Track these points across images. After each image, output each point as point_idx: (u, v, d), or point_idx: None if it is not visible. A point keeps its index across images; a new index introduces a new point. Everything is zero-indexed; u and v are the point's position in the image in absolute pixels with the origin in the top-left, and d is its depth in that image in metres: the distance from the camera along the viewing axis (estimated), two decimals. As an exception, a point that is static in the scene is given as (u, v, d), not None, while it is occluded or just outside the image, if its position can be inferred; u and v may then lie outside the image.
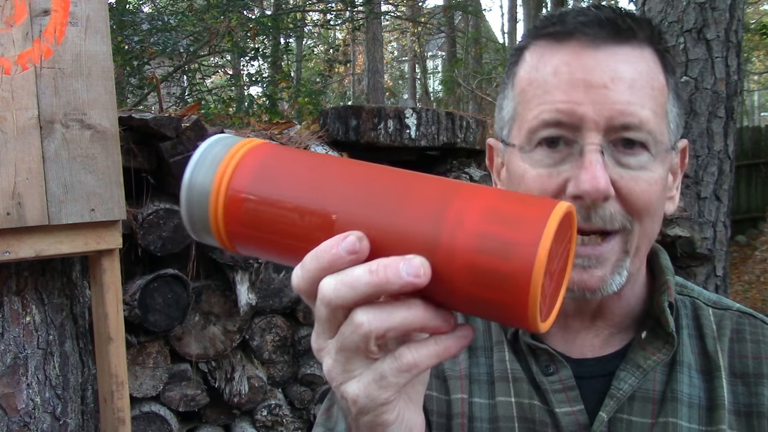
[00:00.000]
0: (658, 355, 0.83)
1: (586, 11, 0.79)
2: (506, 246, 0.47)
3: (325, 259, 0.51)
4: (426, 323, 0.51)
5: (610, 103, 0.75)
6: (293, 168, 0.54)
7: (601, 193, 0.74)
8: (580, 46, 0.77)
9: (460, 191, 0.50)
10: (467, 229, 0.48)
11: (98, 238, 1.93)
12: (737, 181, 8.39)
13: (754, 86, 23.75)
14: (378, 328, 0.50)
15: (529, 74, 0.80)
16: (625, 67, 0.76)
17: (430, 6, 17.40)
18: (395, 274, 0.48)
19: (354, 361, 0.52)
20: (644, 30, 0.80)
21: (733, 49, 3.91)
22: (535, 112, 0.78)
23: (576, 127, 0.76)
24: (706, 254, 3.53)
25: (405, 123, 2.89)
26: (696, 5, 3.89)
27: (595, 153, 0.74)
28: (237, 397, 2.49)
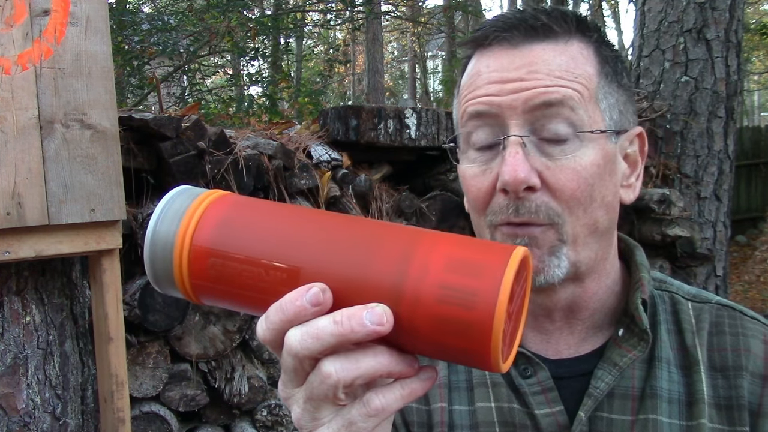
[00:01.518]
0: (633, 353, 0.83)
1: (504, 16, 0.83)
2: (467, 295, 0.48)
3: (290, 311, 0.51)
4: (392, 370, 0.52)
5: (526, 89, 0.77)
6: (256, 220, 0.54)
7: (520, 182, 0.75)
8: (499, 48, 0.81)
9: (423, 240, 0.51)
10: (430, 279, 0.49)
11: (98, 238, 1.93)
12: (737, 181, 8.39)
13: (754, 86, 23.75)
14: (345, 377, 0.51)
15: (463, 81, 0.85)
16: (541, 61, 0.78)
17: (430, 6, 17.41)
18: (359, 324, 0.50)
19: (322, 409, 0.53)
20: (565, 25, 0.81)
21: (733, 49, 3.91)
22: (462, 110, 0.83)
23: (498, 117, 0.78)
24: (706, 254, 3.53)
25: (405, 123, 2.89)
26: (696, 5, 3.89)
27: (514, 145, 0.76)
28: (237, 397, 2.50)
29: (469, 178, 0.82)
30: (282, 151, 2.65)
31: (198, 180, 2.37)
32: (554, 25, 0.80)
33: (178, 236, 0.53)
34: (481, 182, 0.80)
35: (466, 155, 0.83)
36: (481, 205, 0.81)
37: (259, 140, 2.68)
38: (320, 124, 3.05)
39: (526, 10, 0.83)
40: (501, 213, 0.79)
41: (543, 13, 0.82)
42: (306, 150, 2.84)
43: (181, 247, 0.53)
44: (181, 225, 0.54)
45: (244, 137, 2.72)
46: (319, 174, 2.77)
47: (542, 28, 0.80)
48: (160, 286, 0.56)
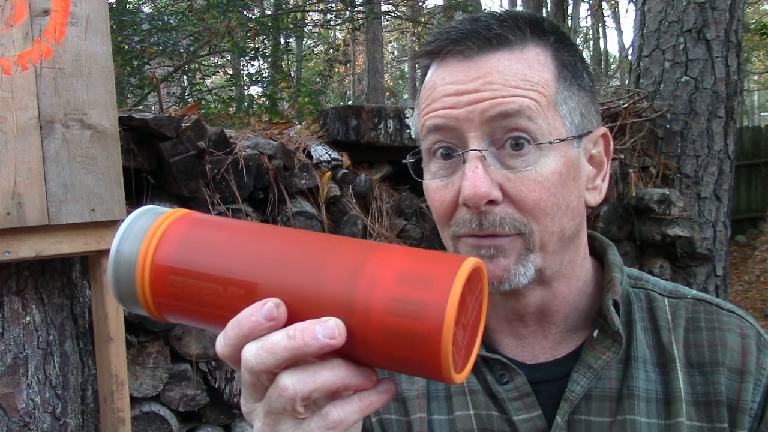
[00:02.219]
0: (607, 354, 0.83)
1: (457, 26, 0.81)
2: (417, 307, 0.49)
3: (246, 326, 0.52)
4: (349, 382, 0.53)
5: (482, 100, 0.76)
6: (215, 238, 0.56)
7: (481, 197, 0.75)
8: (453, 61, 0.80)
9: (375, 253, 0.52)
10: (380, 292, 0.50)
11: (98, 238, 1.93)
12: (737, 181, 8.40)
13: (754, 86, 23.75)
14: (302, 390, 0.52)
15: (421, 94, 0.84)
16: (496, 72, 0.77)
17: (430, 6, 17.40)
18: (312, 337, 0.50)
19: (282, 423, 0.54)
20: (517, 32, 0.80)
21: (733, 49, 3.91)
22: (420, 123, 0.83)
23: (457, 131, 0.78)
24: (706, 254, 3.53)
25: (405, 123, 2.89)
26: (696, 5, 3.89)
27: (474, 159, 0.76)
28: (237, 397, 2.49)
29: (432, 192, 0.82)
30: (282, 151, 2.65)
31: (198, 180, 2.37)
32: (508, 33, 0.79)
33: (139, 254, 0.55)
34: (443, 196, 0.80)
35: (428, 168, 0.83)
36: (445, 218, 0.81)
37: (259, 140, 2.68)
38: (320, 124, 3.05)
39: (480, 18, 0.82)
40: (464, 226, 0.79)
41: (496, 20, 0.81)
42: (306, 150, 2.84)
43: (143, 265, 0.55)
44: (143, 244, 0.55)
45: (244, 137, 2.72)
46: (319, 174, 2.77)
47: (496, 38, 0.79)
48: (125, 304, 0.57)
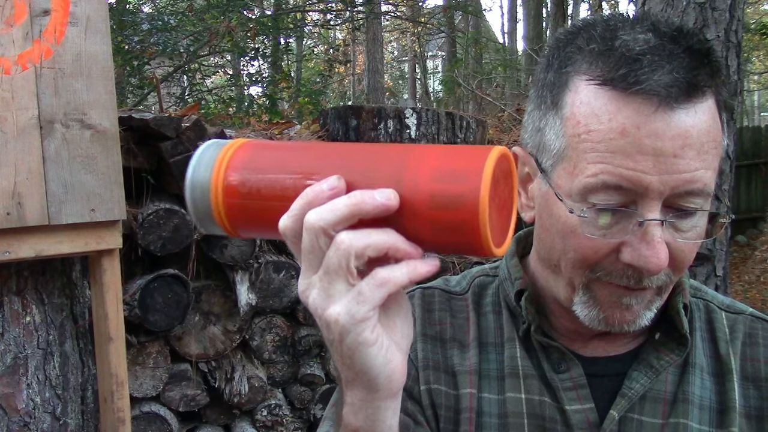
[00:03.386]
0: (671, 356, 0.84)
1: (661, 60, 0.71)
2: (455, 197, 0.56)
3: (310, 195, 0.57)
4: (399, 246, 0.57)
5: (677, 172, 0.71)
6: (276, 152, 0.64)
7: (662, 269, 0.74)
8: (652, 106, 0.70)
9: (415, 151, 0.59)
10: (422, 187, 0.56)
11: (98, 238, 1.93)
12: (737, 181, 8.39)
13: (754, 86, 23.75)
14: (357, 245, 0.55)
15: (587, 120, 0.74)
16: (695, 131, 0.71)
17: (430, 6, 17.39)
18: (371, 197, 0.55)
19: (336, 285, 0.57)
20: (714, 77, 0.74)
21: (733, 49, 3.91)
22: (595, 170, 0.73)
23: (639, 195, 0.72)
24: (706, 254, 3.53)
25: (405, 123, 2.89)
26: (696, 5, 3.89)
27: (657, 227, 0.72)
28: (237, 397, 2.49)
29: (582, 238, 0.76)
30: (282, 151, 2.65)
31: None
32: (710, 79, 0.73)
33: (212, 179, 0.62)
34: (598, 245, 0.75)
35: (576, 204, 0.75)
36: (590, 261, 0.77)
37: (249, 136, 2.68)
38: (320, 124, 3.05)
39: (679, 55, 0.71)
40: (617, 278, 0.76)
41: (704, 61, 0.73)
42: (306, 150, 2.84)
43: (216, 185, 0.62)
44: (214, 168, 0.63)
45: (244, 137, 2.71)
46: (319, 174, 2.77)
47: (702, 88, 0.72)
48: (203, 225, 0.65)
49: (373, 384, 0.60)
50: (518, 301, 0.89)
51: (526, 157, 0.84)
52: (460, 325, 0.93)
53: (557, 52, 0.80)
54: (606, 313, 0.79)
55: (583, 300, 0.80)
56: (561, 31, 0.83)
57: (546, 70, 0.81)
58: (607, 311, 0.79)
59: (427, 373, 0.90)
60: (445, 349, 0.92)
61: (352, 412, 0.63)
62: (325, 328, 0.59)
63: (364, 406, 0.62)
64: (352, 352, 0.58)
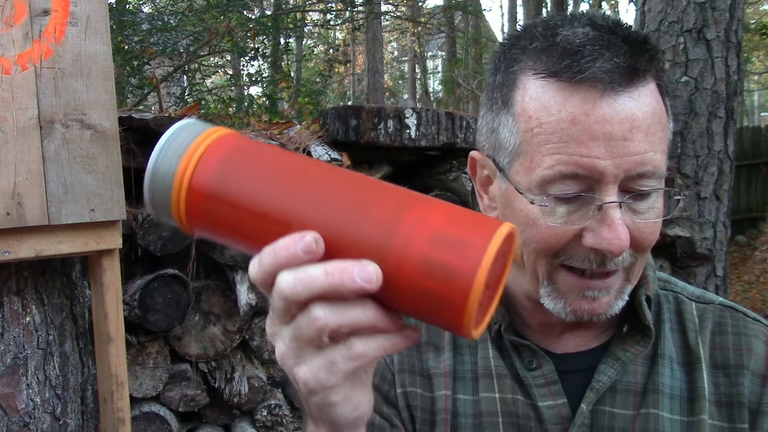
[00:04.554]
0: (636, 348, 0.85)
1: (601, 49, 0.74)
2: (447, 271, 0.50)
3: (282, 257, 0.53)
4: (377, 323, 0.54)
5: (628, 155, 0.74)
6: (255, 166, 0.56)
7: (624, 249, 0.75)
8: (597, 93, 0.73)
9: (415, 208, 0.53)
10: (414, 249, 0.51)
11: (98, 238, 1.93)
12: (737, 181, 8.39)
13: (754, 86, 23.75)
14: (333, 323, 0.53)
15: (538, 114, 0.76)
16: (640, 114, 0.74)
17: (430, 6, 17.40)
18: (350, 279, 0.51)
19: (306, 349, 0.56)
20: (653, 62, 0.77)
21: (733, 49, 3.91)
22: (550, 162, 0.75)
23: (594, 181, 0.75)
24: (706, 254, 3.53)
25: (405, 123, 2.89)
26: (696, 5, 3.89)
27: (616, 210, 0.74)
28: (237, 397, 2.50)
29: (545, 228, 0.77)
30: (282, 151, 2.65)
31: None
32: (649, 64, 0.76)
33: (177, 173, 0.55)
34: (560, 232, 0.77)
35: (536, 196, 0.77)
36: (553, 250, 0.79)
37: (259, 140, 2.68)
38: (320, 124, 3.05)
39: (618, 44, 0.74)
40: (580, 261, 0.78)
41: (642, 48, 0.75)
42: (306, 150, 2.84)
43: (179, 185, 0.56)
44: (182, 162, 0.56)
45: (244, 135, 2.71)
46: (319, 174, 2.77)
47: (643, 71, 0.75)
48: (158, 216, 0.59)
49: (339, 426, 0.60)
50: None
51: (484, 159, 0.86)
52: (435, 328, 0.94)
53: (502, 55, 0.83)
54: (573, 306, 0.81)
55: (547, 291, 0.81)
56: (505, 36, 0.87)
57: (494, 73, 0.84)
58: (573, 303, 0.81)
59: (402, 376, 0.92)
60: (420, 353, 0.93)
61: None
62: (293, 382, 0.59)
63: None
64: (319, 409, 0.59)
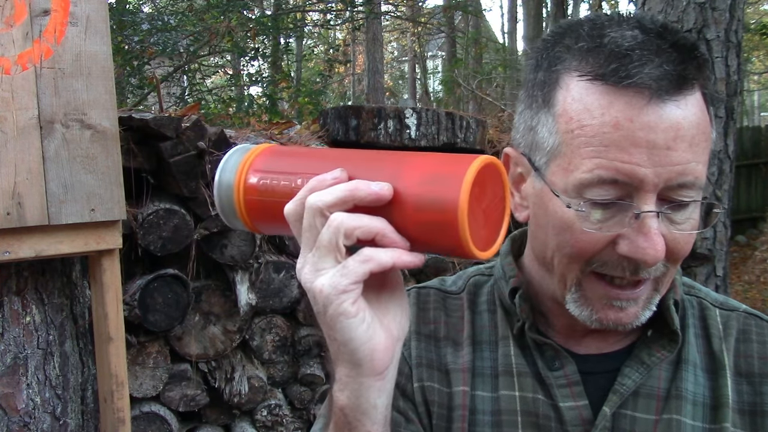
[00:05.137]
0: (662, 352, 0.85)
1: (650, 54, 0.72)
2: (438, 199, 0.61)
3: (313, 183, 0.64)
4: (386, 233, 0.62)
5: (670, 164, 0.72)
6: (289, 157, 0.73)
7: (659, 259, 0.75)
8: (643, 99, 0.72)
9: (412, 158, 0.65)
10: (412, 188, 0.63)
11: (98, 238, 1.93)
12: (737, 181, 8.39)
13: (754, 86, 23.74)
14: (348, 225, 0.61)
15: (580, 116, 0.75)
16: (686, 123, 0.73)
17: (430, 6, 17.40)
18: (366, 186, 0.62)
19: (325, 260, 0.63)
20: (701, 70, 0.75)
21: (733, 49, 3.91)
22: (590, 165, 0.74)
23: (634, 188, 0.73)
24: (706, 254, 3.53)
25: (405, 123, 2.89)
26: (696, 5, 3.89)
27: (654, 219, 0.73)
28: (237, 397, 2.49)
29: (580, 232, 0.76)
30: (282, 151, 2.64)
31: (198, 180, 2.37)
32: (697, 72, 0.74)
33: (235, 180, 0.72)
34: (595, 238, 0.76)
35: (573, 200, 0.76)
36: (587, 256, 0.78)
37: (259, 140, 2.68)
38: (320, 124, 3.05)
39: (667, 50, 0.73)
40: (613, 269, 0.77)
41: (691, 56, 0.74)
42: (306, 150, 2.83)
43: (238, 187, 0.72)
44: (238, 170, 0.72)
45: (244, 137, 2.72)
46: (319, 174, 2.76)
47: (691, 81, 0.73)
48: (228, 220, 0.74)
49: (355, 358, 0.64)
50: (512, 299, 0.89)
51: (519, 157, 0.85)
52: (455, 323, 0.94)
53: (545, 52, 0.81)
54: (599, 314, 0.80)
55: (574, 297, 0.81)
56: (548, 32, 0.84)
57: (535, 70, 0.82)
58: (599, 312, 0.80)
59: (420, 370, 0.91)
60: (438, 348, 0.93)
61: (339, 389, 0.67)
62: (313, 300, 0.64)
63: (349, 383, 0.66)
64: (334, 321, 0.63)
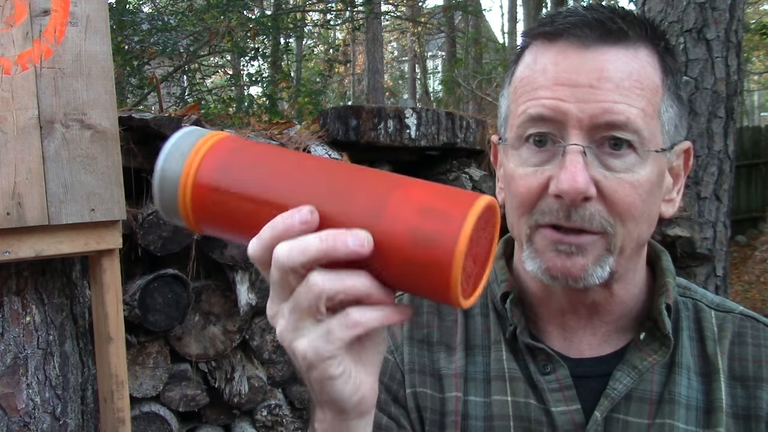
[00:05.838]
0: (654, 357, 0.84)
1: (577, 11, 0.80)
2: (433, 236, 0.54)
3: (279, 227, 0.56)
4: (371, 293, 0.56)
5: (594, 101, 0.76)
6: (252, 161, 0.61)
7: (579, 193, 0.75)
8: (569, 46, 0.78)
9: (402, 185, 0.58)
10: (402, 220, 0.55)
11: (98, 238, 1.93)
12: (737, 181, 8.39)
13: (754, 86, 23.74)
14: (330, 289, 0.55)
15: (522, 73, 0.83)
16: (612, 67, 0.77)
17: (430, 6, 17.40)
18: (343, 243, 0.54)
19: (305, 321, 0.57)
20: (638, 30, 0.80)
21: (733, 49, 3.91)
22: (522, 108, 0.80)
23: (560, 124, 0.77)
24: (706, 254, 3.53)
25: (405, 123, 2.89)
26: (696, 5, 3.89)
27: (576, 153, 0.75)
28: (237, 397, 2.50)
29: (518, 178, 0.80)
30: (282, 151, 2.65)
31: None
32: (629, 29, 0.79)
33: (182, 173, 0.61)
34: (530, 182, 0.79)
35: (517, 153, 0.81)
36: (527, 206, 0.80)
37: (259, 140, 2.69)
38: (320, 124, 3.05)
39: (597, 8, 0.80)
40: (549, 215, 0.78)
41: (618, 14, 0.80)
42: (306, 150, 2.84)
43: (185, 183, 0.61)
44: (186, 163, 0.61)
45: (244, 137, 2.71)
46: (319, 174, 2.76)
47: (618, 31, 0.78)
48: (167, 216, 0.64)
49: (343, 409, 0.61)
50: (504, 304, 0.89)
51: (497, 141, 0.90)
52: (448, 327, 0.93)
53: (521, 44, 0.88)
54: (548, 263, 0.80)
55: (528, 253, 0.81)
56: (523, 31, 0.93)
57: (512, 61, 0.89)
58: (548, 261, 0.80)
59: (413, 376, 0.91)
60: (432, 352, 0.92)
61: (323, 429, 0.64)
62: (294, 359, 0.60)
63: (336, 425, 0.63)
64: (320, 384, 0.59)
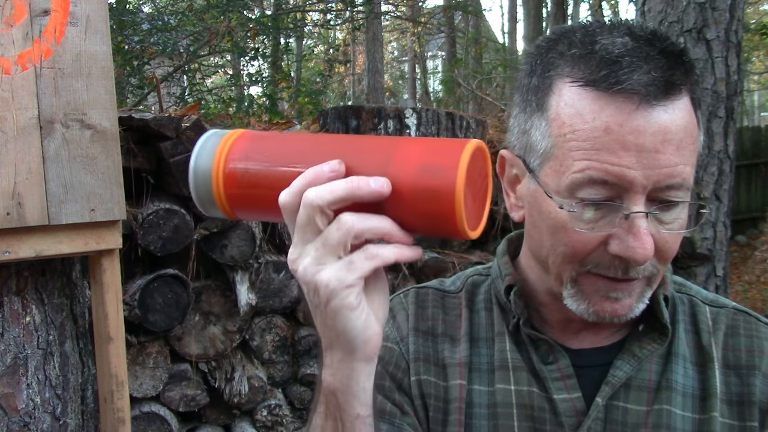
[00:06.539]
0: (653, 345, 0.89)
1: (639, 61, 0.76)
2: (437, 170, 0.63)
3: (310, 175, 0.64)
4: (393, 233, 0.64)
5: (658, 167, 0.76)
6: (272, 144, 0.70)
7: (648, 258, 0.78)
8: (632, 105, 0.75)
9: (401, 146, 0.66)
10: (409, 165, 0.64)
11: (98, 238, 1.93)
12: (737, 181, 8.39)
13: (754, 86, 23.75)
14: (359, 227, 0.62)
15: (572, 120, 0.78)
16: (674, 127, 0.76)
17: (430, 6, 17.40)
18: (366, 183, 0.62)
19: (330, 256, 0.63)
20: (689, 75, 0.79)
21: (733, 49, 3.91)
22: (581, 166, 0.77)
23: (623, 190, 0.77)
24: (706, 254, 3.53)
25: (405, 123, 2.89)
26: (696, 5, 3.89)
27: (643, 219, 0.77)
28: (237, 397, 2.49)
29: (572, 232, 0.79)
30: (282, 151, 2.65)
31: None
32: (686, 78, 0.78)
33: (213, 164, 0.69)
34: (587, 239, 0.79)
35: (564, 202, 0.79)
36: (579, 257, 0.81)
37: (259, 140, 2.68)
38: (320, 124, 3.05)
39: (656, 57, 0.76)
40: (605, 269, 0.80)
41: (679, 61, 0.77)
42: (306, 150, 2.84)
43: (216, 171, 0.69)
44: (215, 155, 0.69)
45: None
46: (319, 174, 2.77)
47: (678, 86, 0.77)
48: (204, 208, 0.72)
49: (351, 345, 0.66)
50: (507, 296, 0.93)
51: (514, 159, 0.88)
52: (452, 321, 0.97)
53: (539, 58, 0.85)
54: (595, 307, 0.83)
55: (571, 293, 0.84)
56: (541, 39, 0.88)
57: (530, 75, 0.85)
58: (596, 305, 0.83)
59: (417, 365, 0.95)
60: (436, 343, 0.96)
61: (330, 373, 0.69)
62: (313, 292, 0.65)
63: (342, 368, 0.68)
64: (336, 313, 0.64)
